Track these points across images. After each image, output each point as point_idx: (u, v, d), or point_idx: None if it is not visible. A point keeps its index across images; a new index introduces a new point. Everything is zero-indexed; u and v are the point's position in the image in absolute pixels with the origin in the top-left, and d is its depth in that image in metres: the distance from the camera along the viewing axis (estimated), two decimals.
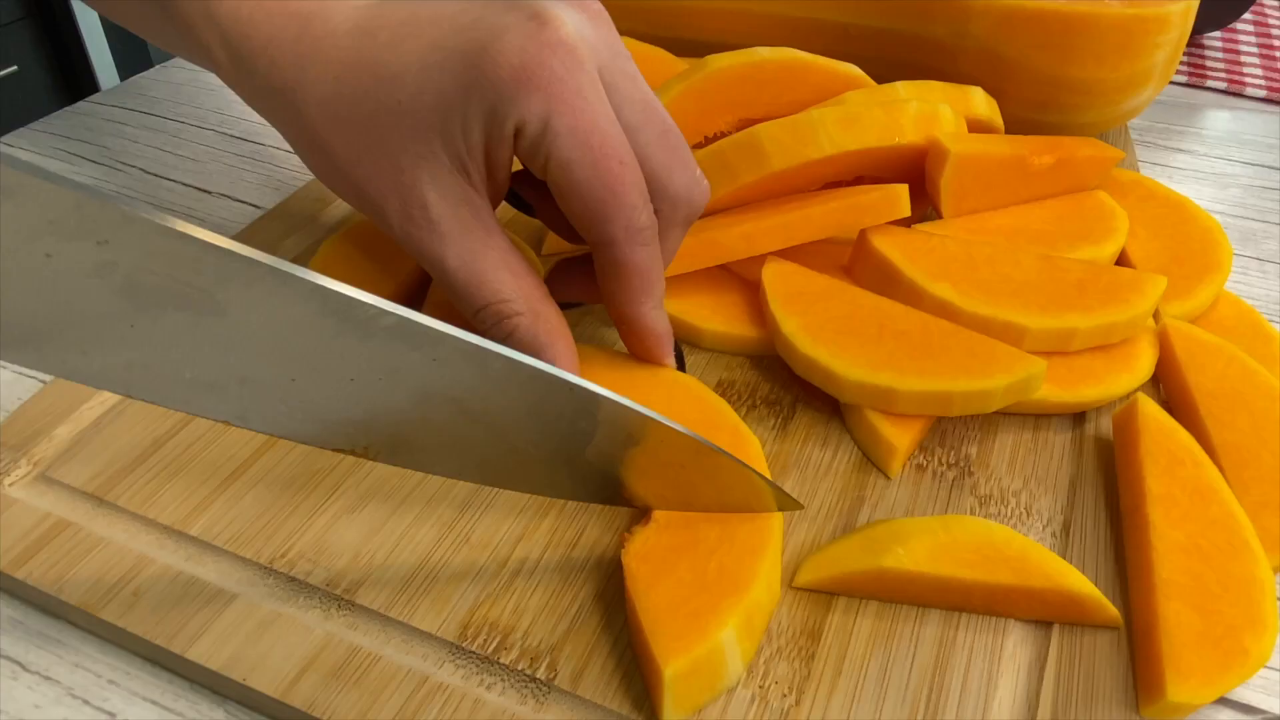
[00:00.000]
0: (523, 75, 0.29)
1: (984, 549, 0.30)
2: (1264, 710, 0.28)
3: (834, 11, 0.52)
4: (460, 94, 0.30)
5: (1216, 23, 0.70)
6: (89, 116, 0.56)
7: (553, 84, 0.29)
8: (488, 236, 0.32)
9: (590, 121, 0.30)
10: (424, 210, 0.31)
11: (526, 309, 0.32)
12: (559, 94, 0.29)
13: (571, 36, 0.30)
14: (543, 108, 0.29)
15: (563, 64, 0.29)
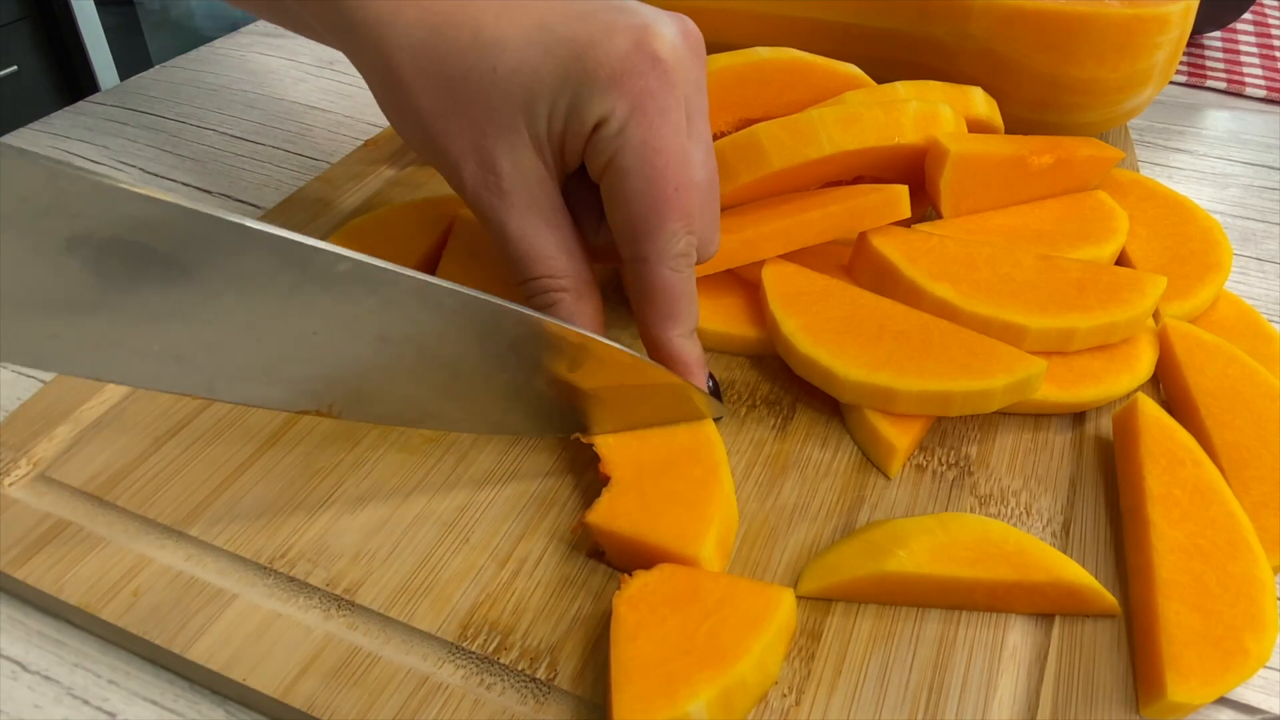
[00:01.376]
0: (619, 78, 0.30)
1: (983, 546, 0.30)
2: (1264, 710, 0.28)
3: (834, 11, 0.52)
4: (556, 81, 0.30)
5: (1216, 23, 0.70)
6: (89, 116, 0.56)
7: (642, 95, 0.30)
8: (552, 214, 0.33)
9: (663, 140, 0.30)
10: (498, 178, 0.32)
11: (572, 288, 0.33)
12: (644, 106, 0.30)
13: (672, 58, 0.31)
14: (625, 113, 0.30)
15: (658, 79, 0.30)
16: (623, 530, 0.29)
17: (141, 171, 0.51)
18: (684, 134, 0.31)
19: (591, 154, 0.31)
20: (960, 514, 0.32)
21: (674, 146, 0.31)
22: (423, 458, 0.34)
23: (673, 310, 0.33)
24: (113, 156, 0.52)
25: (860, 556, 0.30)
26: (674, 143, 0.31)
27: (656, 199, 0.31)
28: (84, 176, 0.21)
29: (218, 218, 0.23)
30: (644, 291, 0.32)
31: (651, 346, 0.34)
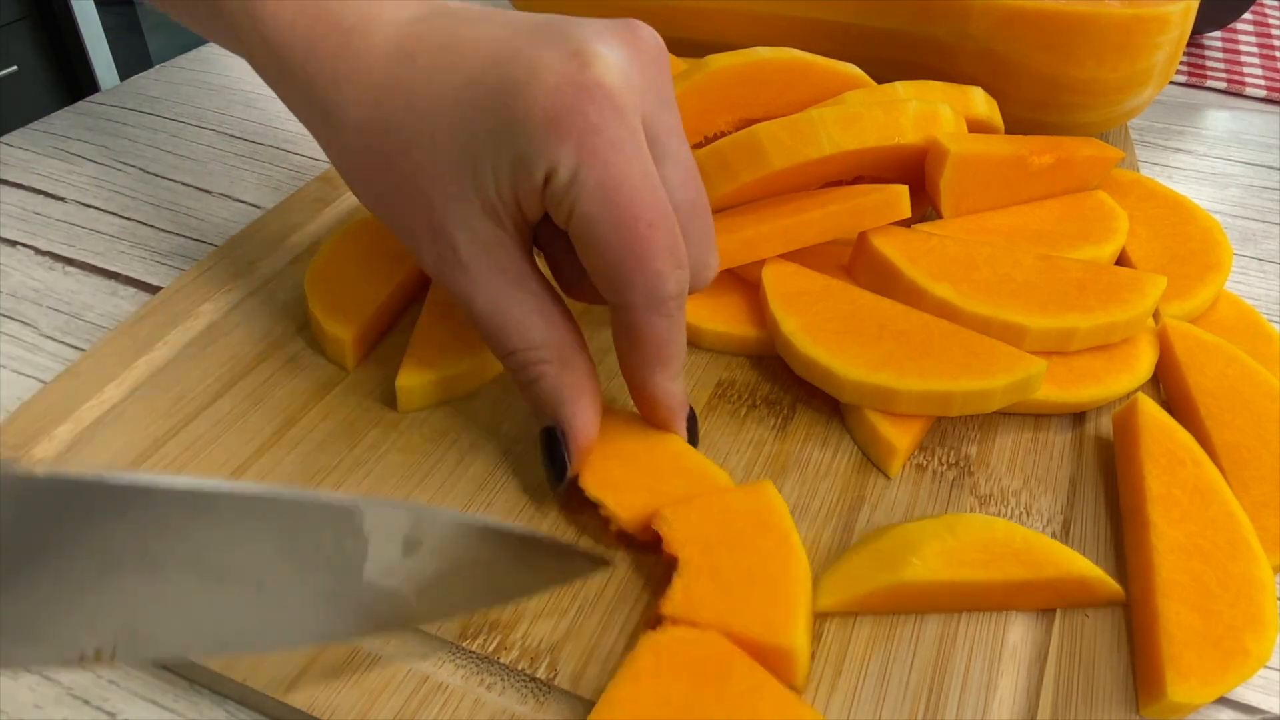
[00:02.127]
0: (554, 120, 0.27)
1: (991, 546, 0.29)
2: (1264, 710, 0.28)
3: (834, 11, 0.52)
4: (491, 136, 0.28)
5: (1216, 23, 0.70)
6: (89, 116, 0.56)
7: (585, 133, 0.27)
8: (520, 279, 0.30)
9: (620, 176, 0.27)
10: (454, 250, 0.30)
11: (555, 358, 0.31)
12: (591, 144, 0.27)
13: (613, 81, 0.28)
14: (572, 158, 0.27)
15: (599, 111, 0.27)
16: (706, 622, 0.27)
17: (141, 171, 0.51)
18: (646, 161, 0.28)
19: (551, 208, 0.29)
20: (964, 515, 0.32)
21: (636, 180, 0.28)
22: (422, 458, 0.34)
23: (661, 355, 0.30)
24: (113, 156, 0.52)
25: (873, 568, 0.30)
26: (635, 176, 0.28)
27: (630, 241, 0.28)
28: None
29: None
30: (632, 338, 0.30)
31: (635, 389, 0.32)
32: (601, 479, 0.31)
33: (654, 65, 0.30)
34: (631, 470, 0.31)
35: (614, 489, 0.31)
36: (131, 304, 0.42)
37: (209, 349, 0.38)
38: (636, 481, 0.31)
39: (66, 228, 0.46)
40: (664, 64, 0.30)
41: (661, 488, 0.31)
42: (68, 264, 0.44)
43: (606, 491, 0.31)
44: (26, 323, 0.41)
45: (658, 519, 0.29)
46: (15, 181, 0.49)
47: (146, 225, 0.47)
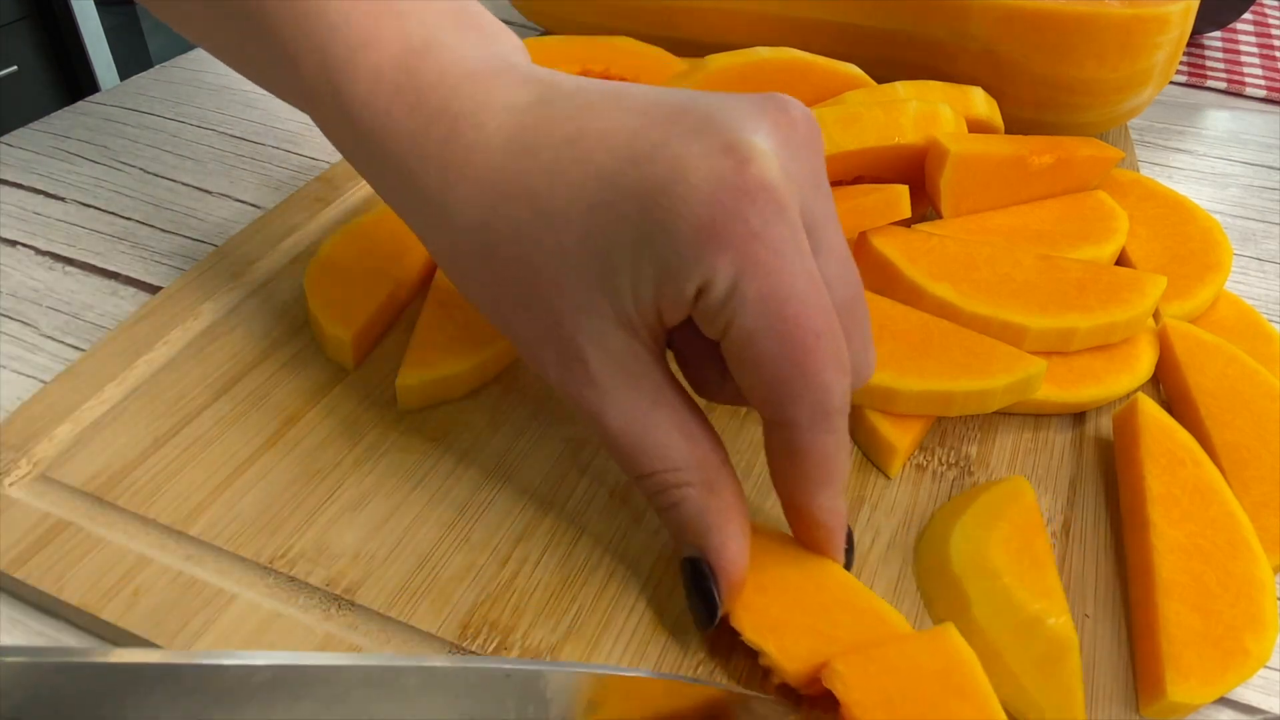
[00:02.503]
0: (710, 230, 0.24)
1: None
2: (1264, 710, 0.28)
3: (834, 11, 0.52)
4: (632, 244, 0.25)
5: (1216, 23, 0.70)
6: (89, 116, 0.56)
7: (748, 240, 0.24)
8: (657, 394, 0.27)
9: (787, 287, 0.24)
10: (584, 365, 0.27)
11: (698, 480, 0.27)
12: (752, 253, 0.24)
13: (774, 178, 0.24)
14: (731, 269, 0.24)
15: (760, 215, 0.24)
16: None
17: (142, 171, 0.51)
18: (809, 264, 0.25)
19: (704, 321, 0.26)
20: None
21: (802, 288, 0.24)
22: (422, 458, 0.34)
23: (826, 475, 0.27)
24: (113, 156, 0.52)
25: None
26: (801, 284, 0.24)
27: (796, 356, 0.25)
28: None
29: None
30: (795, 457, 0.27)
31: (794, 511, 0.29)
32: (760, 619, 0.27)
33: (808, 149, 0.26)
34: (794, 609, 0.27)
35: (775, 633, 0.27)
36: (131, 304, 0.42)
37: (209, 349, 0.38)
38: (800, 623, 0.27)
39: (66, 228, 0.46)
40: (818, 146, 0.27)
41: (830, 631, 0.27)
42: (68, 264, 0.44)
43: (767, 636, 0.27)
44: (26, 323, 0.41)
45: (829, 673, 0.25)
46: (15, 181, 0.49)
47: (146, 225, 0.47)
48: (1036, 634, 0.28)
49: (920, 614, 0.30)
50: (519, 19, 0.70)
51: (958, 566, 0.30)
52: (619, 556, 0.31)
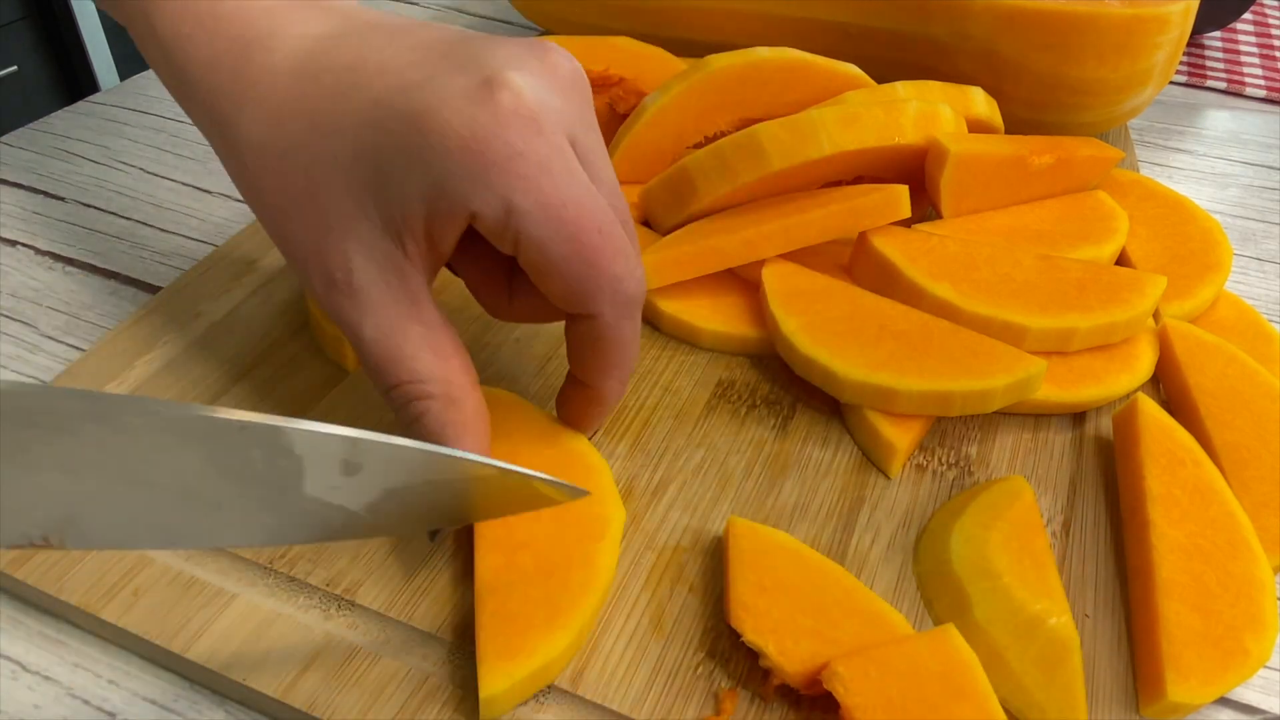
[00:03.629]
0: (474, 150, 0.26)
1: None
2: (1264, 710, 0.28)
3: (834, 11, 0.52)
4: (402, 159, 0.27)
5: (1216, 23, 0.70)
6: (89, 116, 0.56)
7: (512, 159, 0.26)
8: (414, 310, 0.29)
9: (561, 194, 0.27)
10: (347, 275, 0.29)
11: (441, 394, 0.29)
12: (518, 170, 0.26)
13: (530, 104, 0.27)
14: (502, 188, 0.26)
15: (520, 135, 0.26)
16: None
17: (141, 171, 0.51)
18: (580, 174, 0.28)
19: (495, 240, 0.28)
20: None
21: (577, 194, 0.27)
22: None
23: (624, 357, 0.30)
24: (113, 156, 0.52)
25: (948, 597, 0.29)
26: (575, 190, 0.27)
27: (586, 252, 0.27)
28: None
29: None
30: (595, 345, 0.29)
31: (582, 389, 0.31)
32: (760, 621, 0.28)
33: (572, 89, 0.29)
34: (794, 611, 0.28)
35: (776, 634, 0.27)
36: (131, 304, 0.42)
37: (209, 349, 0.38)
38: (800, 624, 0.27)
39: (66, 228, 0.46)
40: (582, 86, 0.30)
41: (831, 633, 0.27)
42: (68, 264, 0.44)
43: (768, 637, 0.27)
44: (26, 323, 0.41)
45: (830, 675, 0.26)
46: (15, 181, 0.49)
47: (146, 225, 0.47)
48: (1037, 634, 0.28)
49: (920, 615, 0.30)
50: (519, 19, 0.71)
51: (958, 567, 0.30)
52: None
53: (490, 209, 0.27)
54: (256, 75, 0.30)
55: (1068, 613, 0.28)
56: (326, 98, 0.29)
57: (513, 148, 0.26)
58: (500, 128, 0.26)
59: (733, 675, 0.28)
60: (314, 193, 0.29)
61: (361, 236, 0.28)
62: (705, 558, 0.31)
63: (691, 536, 0.32)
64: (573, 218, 0.27)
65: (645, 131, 0.45)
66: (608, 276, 0.28)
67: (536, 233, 0.27)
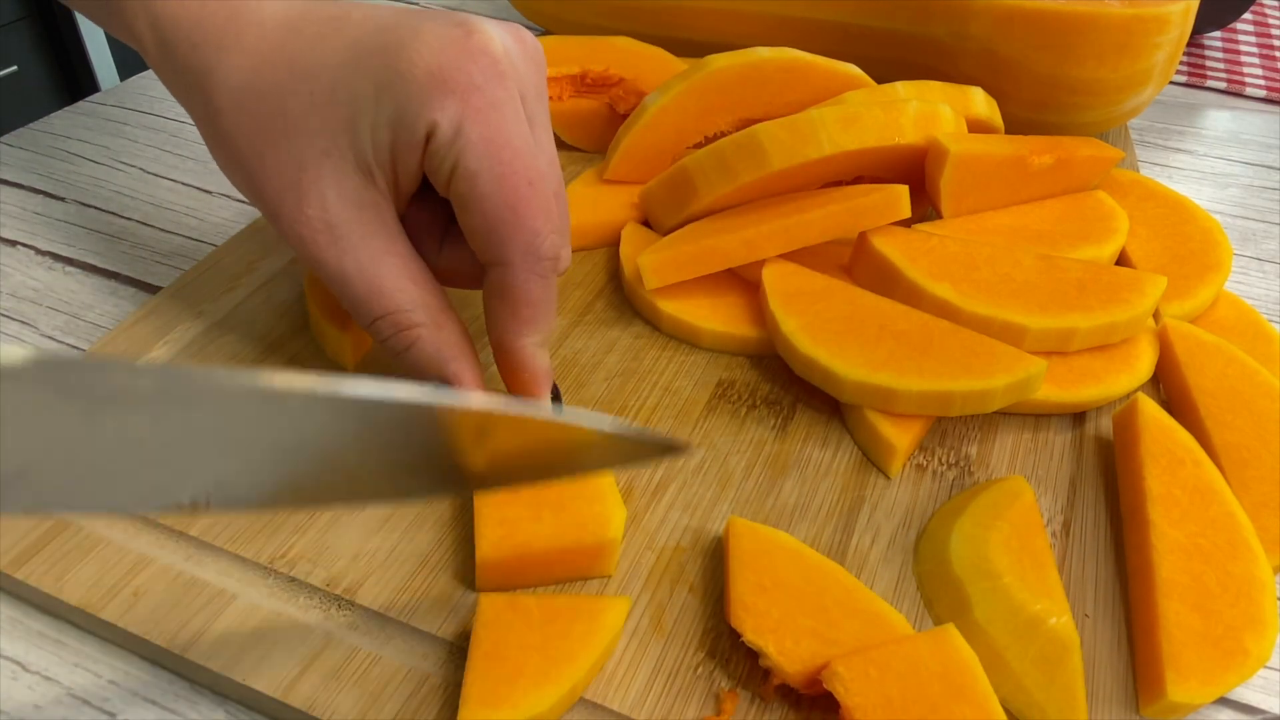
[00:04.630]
0: (439, 77, 0.28)
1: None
2: (1264, 710, 0.28)
3: (834, 11, 0.52)
4: (372, 92, 0.29)
5: (1216, 23, 0.70)
6: (89, 116, 0.56)
7: (470, 91, 0.28)
8: (389, 242, 0.30)
9: (504, 134, 0.28)
10: (323, 211, 0.30)
11: (428, 319, 0.30)
12: (474, 102, 0.28)
13: (497, 50, 0.29)
14: (456, 113, 0.28)
15: (482, 73, 0.28)
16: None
17: (141, 171, 0.51)
18: (526, 130, 0.29)
19: (432, 165, 0.29)
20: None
21: (517, 140, 0.29)
22: None
23: (533, 316, 0.30)
24: (113, 156, 0.52)
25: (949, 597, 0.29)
26: (517, 136, 0.29)
27: (511, 196, 0.29)
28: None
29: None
30: (505, 298, 0.30)
31: (501, 354, 0.31)
32: (760, 621, 0.27)
33: (533, 61, 0.31)
34: (794, 611, 0.28)
35: (776, 634, 0.27)
36: (131, 304, 0.42)
37: (209, 349, 0.38)
38: (801, 625, 0.27)
39: (66, 228, 0.46)
40: (542, 65, 0.32)
41: (831, 633, 0.27)
42: (68, 264, 0.44)
43: (768, 637, 0.27)
44: (26, 323, 0.41)
45: (830, 675, 0.26)
46: (15, 181, 0.49)
47: (146, 225, 0.47)
48: (1037, 634, 0.28)
49: (921, 615, 0.30)
50: (519, 19, 0.71)
51: (958, 567, 0.30)
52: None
53: (442, 130, 0.28)
54: (242, 30, 0.31)
55: (1068, 613, 0.28)
56: (307, 44, 0.30)
57: (472, 80, 0.28)
58: (465, 61, 0.28)
59: (733, 675, 0.28)
60: (287, 132, 0.30)
61: (335, 173, 0.30)
62: (705, 558, 0.31)
63: (691, 536, 0.32)
64: (508, 159, 0.28)
65: (645, 131, 0.45)
66: (525, 227, 0.29)
67: (473, 164, 0.28)
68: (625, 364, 0.38)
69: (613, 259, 0.44)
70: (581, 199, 0.45)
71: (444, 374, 0.31)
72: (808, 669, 0.26)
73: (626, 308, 0.41)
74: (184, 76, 0.32)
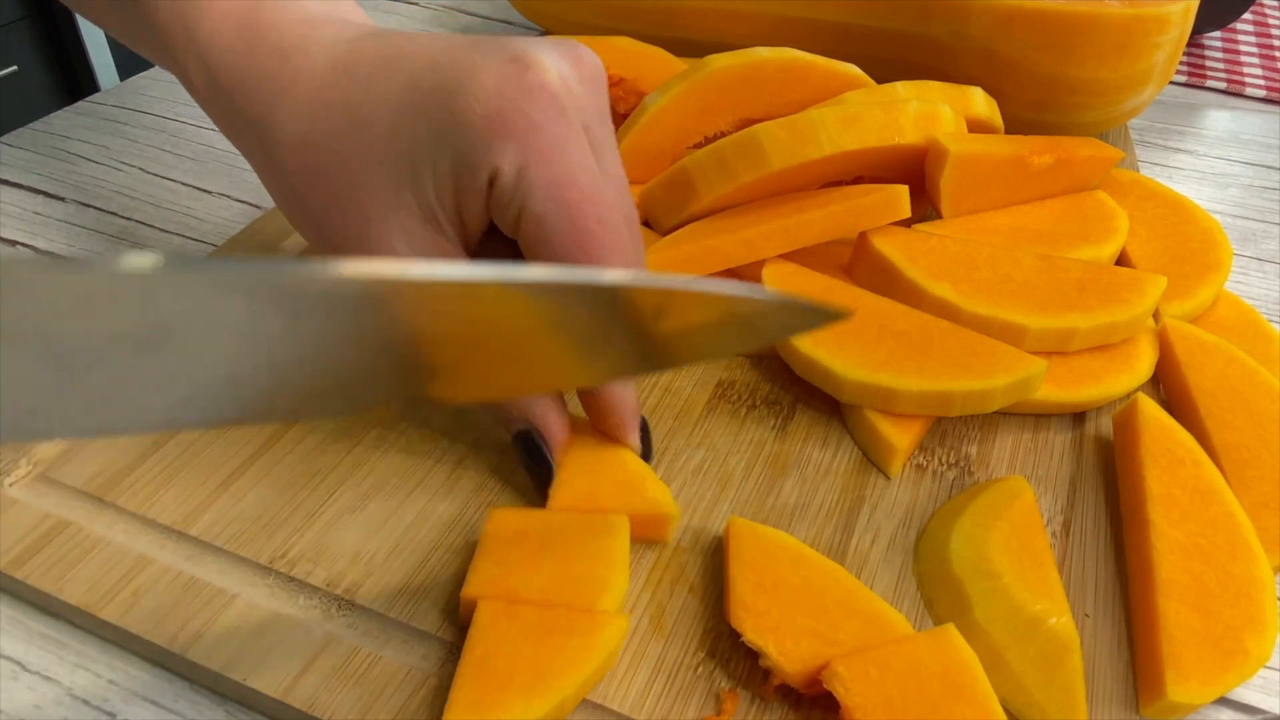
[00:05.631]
0: (497, 121, 0.27)
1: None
2: (1264, 710, 0.28)
3: (834, 11, 0.52)
4: (432, 140, 0.28)
5: (1216, 23, 0.70)
6: (89, 116, 0.56)
7: (530, 132, 0.27)
8: None
9: (570, 174, 0.28)
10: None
11: None
12: (535, 143, 0.27)
13: (554, 84, 0.28)
14: (518, 157, 0.27)
15: (542, 111, 0.28)
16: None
17: (141, 171, 0.51)
18: (591, 164, 0.28)
19: (498, 211, 0.29)
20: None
21: (584, 178, 0.28)
22: (422, 458, 0.34)
23: None
24: (113, 156, 0.52)
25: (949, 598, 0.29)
26: (583, 175, 0.28)
27: (581, 239, 0.28)
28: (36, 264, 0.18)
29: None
30: None
31: (587, 396, 0.32)
32: (761, 621, 0.28)
33: (593, 82, 0.30)
34: (794, 611, 0.28)
35: (776, 634, 0.27)
36: None
37: None
38: (801, 625, 0.27)
39: (66, 228, 0.46)
40: (602, 84, 0.31)
41: (831, 633, 0.27)
42: None
43: (768, 637, 0.27)
44: None
45: (830, 675, 0.26)
46: (15, 181, 0.49)
47: (146, 225, 0.47)
48: (1038, 634, 0.28)
49: (921, 615, 0.30)
50: (519, 19, 0.71)
51: (958, 567, 0.30)
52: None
53: (504, 176, 0.28)
54: (294, 75, 0.30)
55: (1068, 613, 0.28)
56: (360, 88, 0.29)
57: (532, 120, 0.27)
58: (523, 101, 0.27)
59: (733, 675, 0.28)
60: (351, 188, 0.29)
61: (402, 226, 0.29)
62: (705, 558, 0.31)
63: (691, 536, 0.32)
64: (575, 200, 0.28)
65: (645, 131, 0.45)
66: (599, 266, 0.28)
67: (539, 207, 0.28)
68: None
69: None
70: None
71: (530, 415, 0.31)
72: (808, 669, 0.26)
73: None
74: (238, 123, 0.32)
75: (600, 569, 0.28)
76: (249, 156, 0.32)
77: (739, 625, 0.28)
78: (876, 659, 0.26)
